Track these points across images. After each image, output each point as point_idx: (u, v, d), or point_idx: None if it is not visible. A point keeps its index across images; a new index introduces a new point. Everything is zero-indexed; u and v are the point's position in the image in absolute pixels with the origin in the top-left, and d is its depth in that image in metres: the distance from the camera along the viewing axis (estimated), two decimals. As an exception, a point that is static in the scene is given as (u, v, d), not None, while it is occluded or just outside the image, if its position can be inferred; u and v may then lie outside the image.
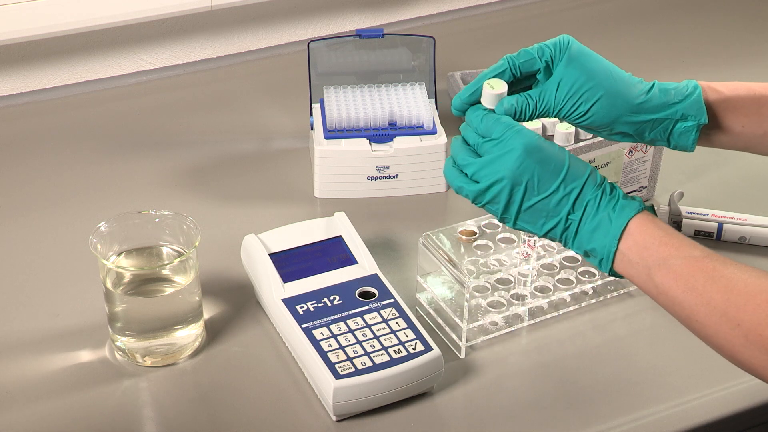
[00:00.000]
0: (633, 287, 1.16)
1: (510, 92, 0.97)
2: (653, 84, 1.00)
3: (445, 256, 1.07)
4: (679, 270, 0.89)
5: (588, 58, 0.99)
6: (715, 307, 0.87)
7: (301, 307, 1.06)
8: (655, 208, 1.24)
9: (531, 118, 0.98)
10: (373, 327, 1.04)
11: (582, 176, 0.92)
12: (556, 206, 0.92)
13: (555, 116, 0.98)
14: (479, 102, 0.97)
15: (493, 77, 0.97)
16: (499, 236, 1.12)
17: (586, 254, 0.94)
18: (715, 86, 1.02)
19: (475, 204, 0.95)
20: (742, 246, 1.22)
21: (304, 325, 1.04)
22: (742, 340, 0.86)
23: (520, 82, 0.98)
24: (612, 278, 1.15)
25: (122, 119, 1.46)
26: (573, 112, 0.98)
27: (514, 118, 0.97)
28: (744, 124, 1.02)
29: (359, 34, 1.34)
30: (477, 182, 0.93)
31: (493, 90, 0.95)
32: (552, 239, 0.94)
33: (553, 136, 1.21)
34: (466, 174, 0.95)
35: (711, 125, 1.01)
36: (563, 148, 0.93)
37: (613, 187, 0.93)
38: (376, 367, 1.00)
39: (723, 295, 0.87)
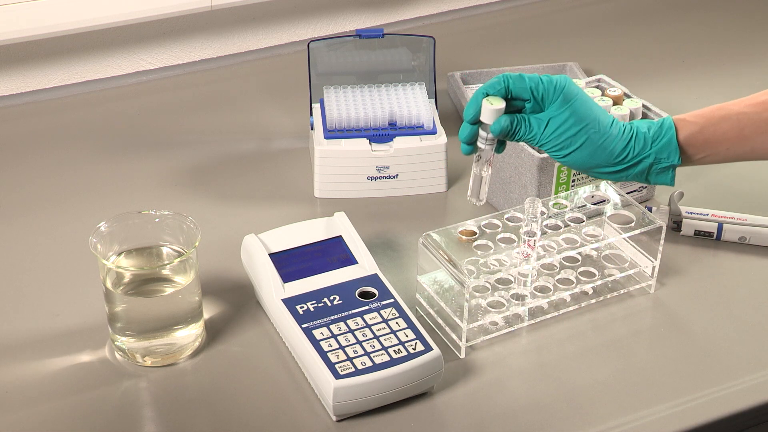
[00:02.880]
0: (633, 287, 1.16)
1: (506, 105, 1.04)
2: (632, 132, 1.06)
3: (445, 256, 1.07)
4: None
5: (580, 102, 1.04)
6: None
7: (301, 307, 1.06)
8: (655, 208, 1.24)
9: (518, 140, 1.05)
10: (373, 327, 1.04)
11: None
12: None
13: (538, 147, 1.05)
14: (478, 122, 1.04)
15: (490, 94, 1.04)
16: (499, 236, 1.12)
17: None
18: (690, 118, 1.08)
19: None
20: (742, 246, 1.22)
21: (304, 325, 1.04)
22: None
23: (512, 99, 1.04)
24: (612, 278, 1.15)
25: (122, 119, 1.46)
26: (555, 151, 1.04)
27: (504, 137, 1.04)
28: (728, 147, 1.07)
29: (359, 34, 1.34)
30: None
31: (492, 105, 1.03)
32: None
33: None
34: None
35: (692, 156, 1.07)
36: None
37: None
38: (376, 367, 1.00)
39: None
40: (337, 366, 1.00)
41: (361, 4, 1.67)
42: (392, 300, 1.07)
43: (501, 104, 1.02)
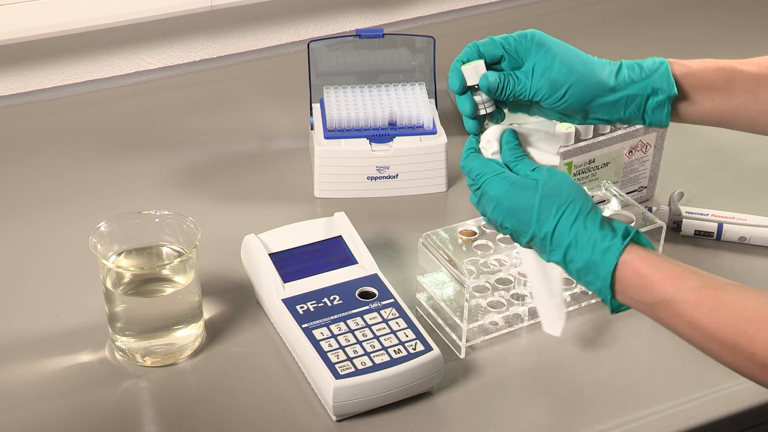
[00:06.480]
0: (633, 287, 1.16)
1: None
2: (620, 63, 1.03)
3: (445, 256, 1.07)
4: (678, 309, 0.88)
5: (556, 45, 1.01)
6: (724, 341, 0.85)
7: (301, 307, 1.06)
8: (655, 208, 1.24)
9: (509, 97, 1.00)
10: (373, 327, 1.04)
11: (552, 218, 0.92)
12: (541, 246, 0.92)
13: (532, 99, 1.00)
14: (468, 89, 1.00)
15: (465, 61, 1.01)
16: (499, 236, 1.12)
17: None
18: (684, 62, 1.05)
19: None
20: (742, 246, 1.22)
21: (304, 325, 1.04)
22: (759, 369, 0.84)
23: (489, 66, 1.01)
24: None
25: (122, 119, 1.46)
26: (550, 96, 1.00)
27: (494, 93, 1.00)
28: (714, 98, 1.03)
29: (359, 34, 1.34)
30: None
31: (470, 65, 1.00)
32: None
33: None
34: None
35: (682, 100, 1.02)
36: (537, 183, 0.93)
37: (593, 219, 0.92)
38: (376, 367, 1.00)
39: (730, 327, 0.85)
40: (337, 366, 1.00)
41: (361, 4, 1.67)
42: (392, 300, 1.07)
43: (479, 61, 1.01)
